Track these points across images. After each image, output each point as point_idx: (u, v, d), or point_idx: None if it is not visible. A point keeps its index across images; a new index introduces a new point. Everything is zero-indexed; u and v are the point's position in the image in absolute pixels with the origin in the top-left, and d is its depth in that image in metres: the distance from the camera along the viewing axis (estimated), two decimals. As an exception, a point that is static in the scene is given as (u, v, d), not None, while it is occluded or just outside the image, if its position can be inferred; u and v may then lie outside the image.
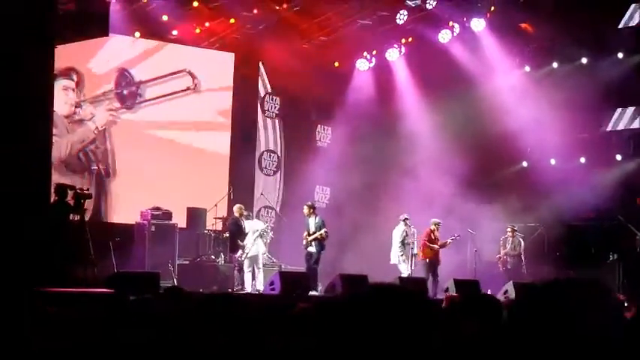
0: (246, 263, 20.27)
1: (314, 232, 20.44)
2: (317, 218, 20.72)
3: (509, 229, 22.51)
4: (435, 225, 21.88)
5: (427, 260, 21.61)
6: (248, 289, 19.89)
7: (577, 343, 2.16)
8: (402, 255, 21.55)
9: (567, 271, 20.90)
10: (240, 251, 20.18)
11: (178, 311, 6.50)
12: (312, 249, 20.43)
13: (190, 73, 24.75)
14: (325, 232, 20.53)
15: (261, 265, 20.62)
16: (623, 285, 20.99)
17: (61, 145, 22.36)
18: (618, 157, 23.33)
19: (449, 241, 22.00)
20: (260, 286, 19.95)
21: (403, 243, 21.55)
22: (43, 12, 14.39)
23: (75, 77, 22.90)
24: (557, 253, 23.39)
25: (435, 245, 21.66)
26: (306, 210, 20.74)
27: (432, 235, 21.79)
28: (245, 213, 20.97)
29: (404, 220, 21.69)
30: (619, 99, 23.26)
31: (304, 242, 20.53)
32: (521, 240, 22.53)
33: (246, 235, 20.33)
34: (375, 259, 21.92)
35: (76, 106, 23.01)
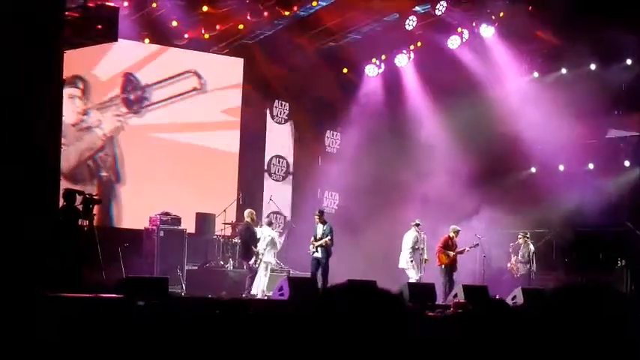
0: (262, 267, 20.33)
1: (320, 238, 20.42)
2: (326, 225, 20.66)
3: (520, 236, 22.41)
4: (454, 232, 21.76)
5: (443, 266, 21.51)
6: (254, 291, 19.91)
7: (592, 348, 2.16)
8: (411, 260, 21.51)
9: (576, 277, 20.90)
10: (254, 258, 20.15)
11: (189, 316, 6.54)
12: (319, 255, 20.40)
13: (196, 73, 24.70)
14: (330, 239, 20.43)
15: (268, 270, 20.67)
16: (631, 291, 20.96)
17: (70, 154, 22.34)
18: (626, 163, 23.30)
19: (467, 249, 21.89)
20: (265, 290, 19.99)
21: (414, 248, 21.52)
22: (51, 18, 14.44)
23: (80, 85, 22.95)
24: (565, 259, 23.38)
25: (450, 252, 21.58)
26: (316, 217, 20.75)
27: (449, 241, 21.69)
28: (256, 219, 21.00)
29: (415, 225, 21.66)
30: (627, 105, 23.23)
31: (310, 247, 20.53)
32: (532, 246, 22.45)
33: (258, 240, 20.34)
34: (385, 264, 21.91)
35: (83, 114, 23.05)
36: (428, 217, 22.15)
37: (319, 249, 20.34)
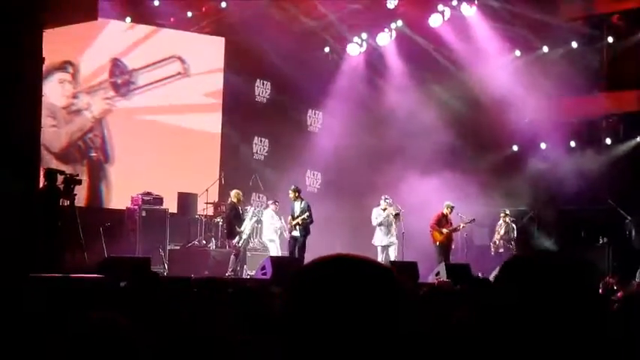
0: (271, 246, 20.77)
1: (298, 216, 20.34)
2: (302, 202, 20.53)
3: (502, 214, 22.44)
4: (447, 208, 21.52)
5: (437, 244, 21.34)
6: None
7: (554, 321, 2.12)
8: (387, 235, 21.25)
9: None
10: (237, 237, 20.11)
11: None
12: (296, 233, 20.29)
13: (180, 59, 24.84)
14: (308, 216, 20.34)
15: (277, 246, 20.90)
16: (613, 268, 21.06)
17: (61, 136, 22.88)
18: (608, 141, 23.37)
19: (462, 225, 21.80)
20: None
21: (380, 224, 21.25)
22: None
23: (70, 69, 23.29)
24: (547, 237, 23.46)
25: (444, 229, 21.47)
26: (291, 194, 20.57)
27: (442, 218, 21.51)
28: (242, 199, 20.96)
29: (383, 200, 21.40)
30: (608, 83, 23.29)
31: (288, 226, 20.48)
32: (514, 225, 22.49)
33: (243, 221, 20.31)
34: (367, 243, 21.89)
35: (73, 97, 23.39)
36: (409, 195, 22.13)
37: (297, 227, 20.27)
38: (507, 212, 22.51)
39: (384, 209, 21.28)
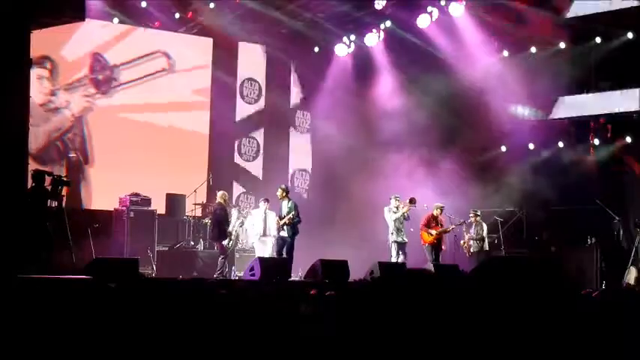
0: (258, 248, 20.63)
1: (285, 216, 20.06)
2: (290, 202, 20.25)
3: (471, 214, 22.30)
4: (437, 209, 21.27)
5: (427, 245, 21.16)
6: None
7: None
8: (401, 233, 21.01)
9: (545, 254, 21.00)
10: (227, 239, 19.94)
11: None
12: (284, 234, 20.04)
13: (165, 54, 24.54)
14: (295, 215, 19.93)
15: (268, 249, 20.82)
16: (601, 268, 21.08)
17: (38, 135, 22.07)
18: (596, 142, 23.41)
19: (452, 227, 21.65)
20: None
21: (394, 223, 20.97)
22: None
23: (48, 65, 22.67)
24: (536, 237, 23.48)
25: (432, 230, 21.29)
26: (279, 193, 20.17)
27: (432, 219, 21.29)
28: (228, 200, 20.88)
29: (394, 199, 21.14)
30: (596, 83, 23.32)
31: (276, 226, 20.25)
32: (484, 224, 22.36)
33: (230, 222, 20.19)
34: (355, 243, 21.87)
35: (51, 95, 22.79)
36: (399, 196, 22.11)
37: (285, 227, 20.02)
38: (478, 213, 22.27)
39: (397, 207, 21.06)
